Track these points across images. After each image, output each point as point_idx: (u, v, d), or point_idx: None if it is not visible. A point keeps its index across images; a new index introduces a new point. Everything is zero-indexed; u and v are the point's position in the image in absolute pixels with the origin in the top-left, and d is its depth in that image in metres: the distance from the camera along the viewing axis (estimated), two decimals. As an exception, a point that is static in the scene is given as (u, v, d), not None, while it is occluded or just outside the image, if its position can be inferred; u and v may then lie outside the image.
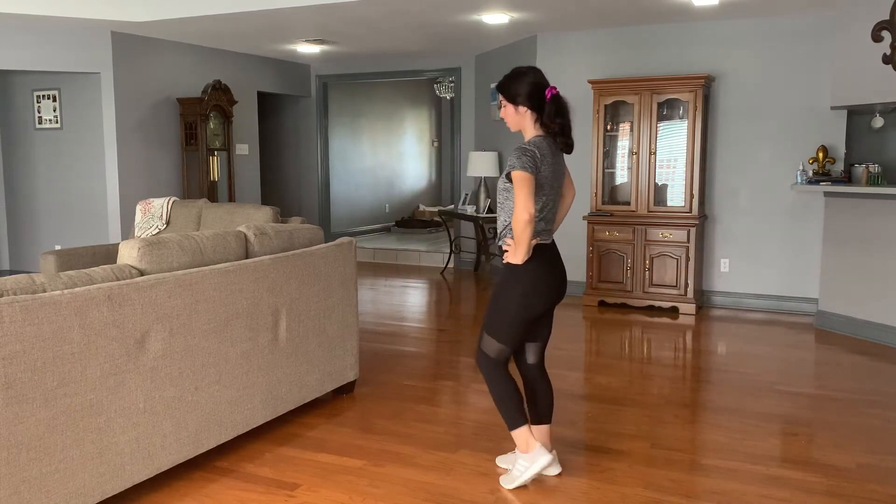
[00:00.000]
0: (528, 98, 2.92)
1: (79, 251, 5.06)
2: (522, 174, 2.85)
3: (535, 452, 3.09)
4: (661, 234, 6.48)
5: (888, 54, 5.39)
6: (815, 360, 5.22)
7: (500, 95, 2.98)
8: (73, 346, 2.63)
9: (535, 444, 3.10)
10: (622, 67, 6.89)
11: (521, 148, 2.91)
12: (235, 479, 3.20)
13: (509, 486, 3.12)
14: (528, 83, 2.92)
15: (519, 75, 2.95)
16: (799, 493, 3.06)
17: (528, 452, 3.10)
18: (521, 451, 3.14)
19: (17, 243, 8.10)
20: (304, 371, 3.83)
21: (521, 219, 2.85)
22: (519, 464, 3.14)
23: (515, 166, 2.87)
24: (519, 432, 3.12)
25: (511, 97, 2.94)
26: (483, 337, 3.11)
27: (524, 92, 2.91)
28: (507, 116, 3.00)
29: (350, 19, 6.50)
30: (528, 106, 2.94)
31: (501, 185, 3.03)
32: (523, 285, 2.99)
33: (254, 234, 3.67)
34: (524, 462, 3.12)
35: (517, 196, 2.85)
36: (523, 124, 2.99)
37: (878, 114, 6.00)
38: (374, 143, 11.99)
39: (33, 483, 2.53)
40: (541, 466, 3.09)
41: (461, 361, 5.09)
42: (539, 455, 3.09)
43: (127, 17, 6.47)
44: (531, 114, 2.96)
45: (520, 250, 2.93)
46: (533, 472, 3.10)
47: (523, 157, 2.88)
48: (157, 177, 7.59)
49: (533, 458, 3.09)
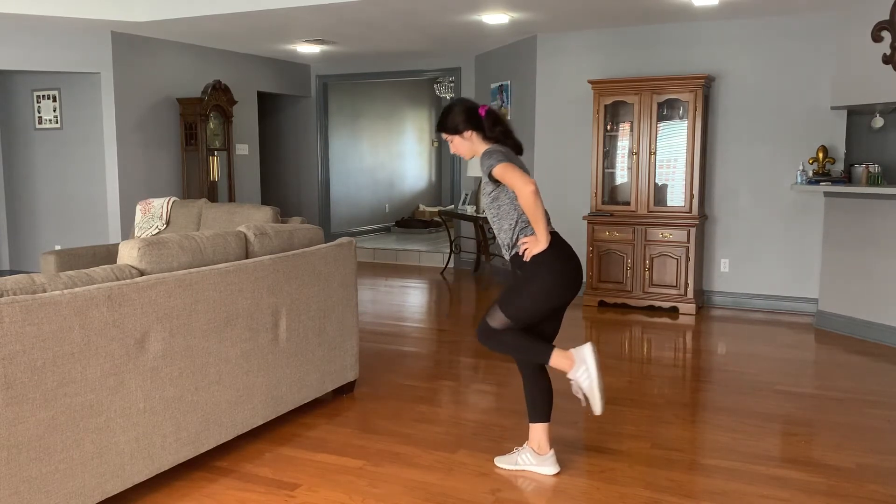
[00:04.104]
0: (467, 122, 3.07)
1: (79, 251, 5.06)
2: (501, 165, 2.94)
3: (545, 458, 3.23)
4: (661, 234, 6.48)
5: (888, 54, 5.39)
6: (815, 360, 5.22)
7: (444, 134, 3.14)
8: (73, 346, 2.63)
9: (549, 452, 3.24)
10: (622, 67, 6.89)
11: (487, 152, 3.03)
12: (235, 479, 3.20)
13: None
14: (462, 111, 3.09)
15: (451, 109, 3.12)
16: (799, 493, 3.07)
17: (540, 455, 3.23)
18: (532, 447, 3.25)
19: (17, 243, 8.10)
20: (304, 371, 3.83)
21: (527, 192, 2.88)
22: (525, 457, 3.26)
23: (492, 165, 2.96)
24: (538, 428, 3.23)
25: (453, 129, 3.10)
26: (492, 311, 3.08)
27: (462, 119, 3.08)
28: (458, 149, 3.15)
29: (350, 19, 6.50)
30: (470, 128, 3.09)
31: (488, 199, 3.10)
32: (553, 276, 3.00)
33: (254, 234, 3.67)
34: (531, 458, 3.24)
35: (511, 179, 2.92)
36: (474, 146, 3.13)
37: (878, 114, 6.01)
38: (374, 143, 11.99)
39: (33, 483, 2.53)
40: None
41: (461, 361, 5.09)
42: (547, 463, 3.23)
43: (127, 17, 6.47)
44: (475, 134, 3.10)
45: (539, 228, 2.94)
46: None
47: (493, 155, 2.99)
48: (157, 177, 7.59)
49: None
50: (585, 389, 3.04)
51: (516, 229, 3.05)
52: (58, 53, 6.90)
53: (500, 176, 2.94)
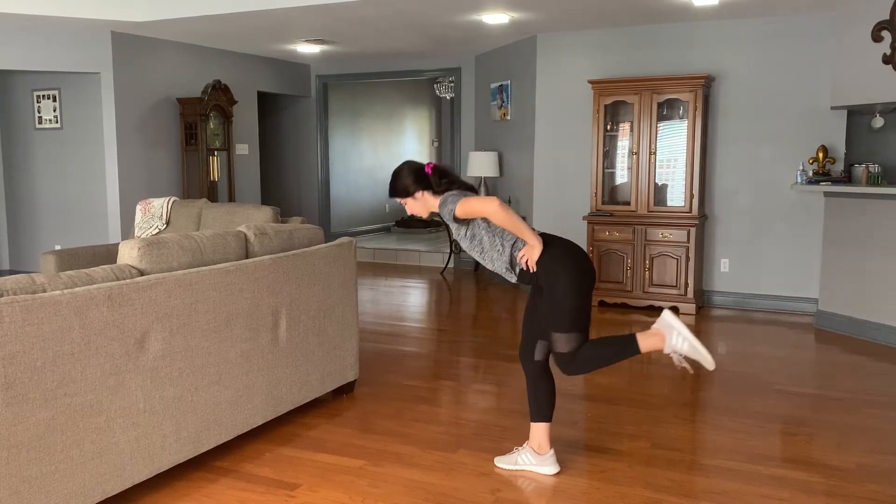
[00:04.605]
0: (416, 183, 3.14)
1: (79, 251, 5.06)
2: (458, 204, 2.99)
3: (545, 458, 3.25)
4: (661, 234, 6.48)
5: (888, 54, 5.39)
6: (815, 360, 5.22)
7: (398, 199, 3.22)
8: (73, 346, 2.63)
9: (549, 452, 3.25)
10: (622, 67, 6.89)
11: (441, 203, 3.09)
12: (235, 479, 3.20)
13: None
14: (409, 173, 3.16)
15: (399, 174, 3.19)
16: (799, 493, 3.07)
17: (540, 454, 3.25)
18: (532, 447, 3.26)
19: (17, 243, 8.10)
20: (304, 371, 3.83)
21: (493, 208, 2.91)
22: (525, 457, 3.27)
23: (452, 209, 3.02)
24: (539, 427, 3.24)
25: (405, 192, 3.17)
26: (552, 342, 3.05)
27: (410, 181, 3.15)
28: (413, 209, 3.22)
29: (350, 19, 6.50)
30: (420, 188, 3.15)
31: (466, 241, 3.12)
32: (568, 267, 2.99)
33: (254, 234, 3.67)
34: (531, 458, 3.26)
35: (473, 207, 2.97)
36: (427, 203, 3.19)
37: (878, 114, 6.01)
38: (374, 143, 11.99)
39: (33, 483, 2.53)
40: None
41: (461, 361, 5.09)
42: (547, 463, 3.24)
43: (127, 17, 6.46)
44: (426, 192, 3.17)
45: (525, 234, 2.95)
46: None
47: (447, 200, 3.06)
48: (157, 177, 7.58)
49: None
50: (688, 352, 2.97)
51: (506, 250, 3.06)
52: (58, 53, 6.90)
53: (463, 213, 2.99)
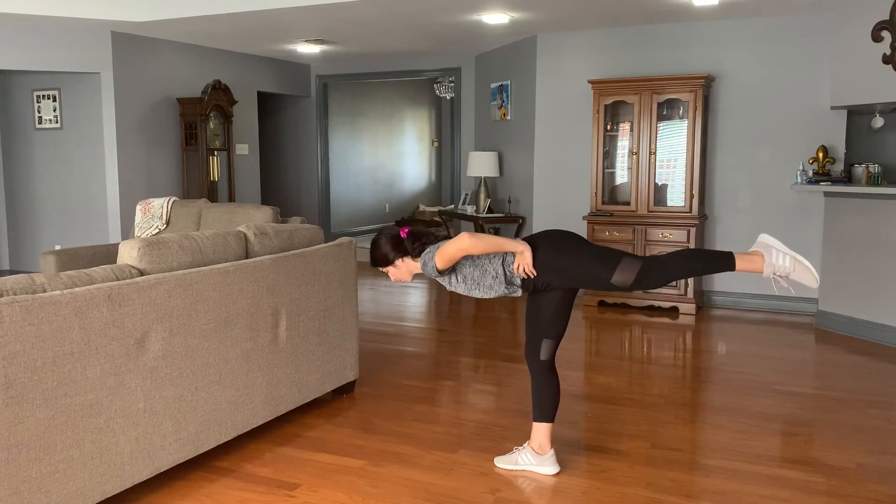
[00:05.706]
0: (395, 250, 3.17)
1: (79, 251, 5.06)
2: (436, 257, 3.02)
3: (545, 458, 3.25)
4: (661, 234, 6.48)
5: (888, 54, 5.39)
6: (815, 360, 5.22)
7: (381, 268, 3.25)
8: (73, 346, 2.63)
9: (549, 452, 3.25)
10: (622, 67, 6.89)
11: (422, 264, 3.11)
12: (235, 479, 3.20)
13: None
14: (386, 242, 3.19)
15: (377, 244, 3.21)
16: (799, 493, 3.07)
17: (540, 454, 3.25)
18: (532, 447, 3.27)
19: (17, 243, 8.10)
20: (304, 371, 3.83)
21: (467, 244, 2.95)
22: (525, 456, 3.27)
23: (434, 265, 3.04)
24: (541, 427, 3.25)
25: (387, 261, 3.20)
26: (620, 280, 2.99)
27: (389, 249, 3.18)
28: (397, 276, 3.24)
29: (350, 19, 6.50)
30: (399, 255, 3.18)
31: (461, 285, 3.12)
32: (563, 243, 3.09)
33: (254, 234, 3.67)
34: (531, 458, 3.26)
35: (450, 253, 2.99)
36: (409, 267, 3.22)
37: (878, 114, 6.01)
38: (374, 143, 12.00)
39: (33, 483, 2.53)
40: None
41: (461, 361, 5.09)
42: (547, 463, 3.24)
43: (127, 17, 6.47)
44: (406, 258, 3.19)
45: (507, 246, 3.00)
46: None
47: (427, 259, 3.08)
48: (157, 177, 7.59)
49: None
50: (789, 270, 2.91)
51: (498, 270, 3.06)
52: (58, 53, 6.90)
53: (443, 262, 3.01)
